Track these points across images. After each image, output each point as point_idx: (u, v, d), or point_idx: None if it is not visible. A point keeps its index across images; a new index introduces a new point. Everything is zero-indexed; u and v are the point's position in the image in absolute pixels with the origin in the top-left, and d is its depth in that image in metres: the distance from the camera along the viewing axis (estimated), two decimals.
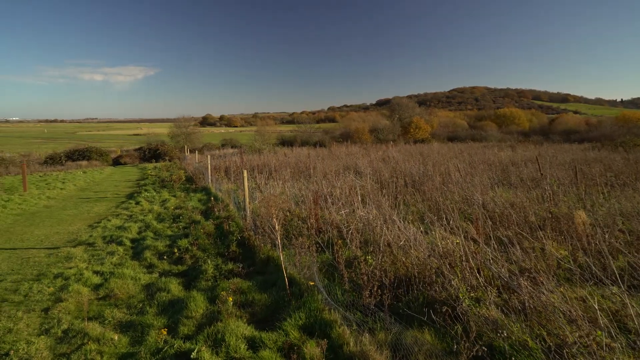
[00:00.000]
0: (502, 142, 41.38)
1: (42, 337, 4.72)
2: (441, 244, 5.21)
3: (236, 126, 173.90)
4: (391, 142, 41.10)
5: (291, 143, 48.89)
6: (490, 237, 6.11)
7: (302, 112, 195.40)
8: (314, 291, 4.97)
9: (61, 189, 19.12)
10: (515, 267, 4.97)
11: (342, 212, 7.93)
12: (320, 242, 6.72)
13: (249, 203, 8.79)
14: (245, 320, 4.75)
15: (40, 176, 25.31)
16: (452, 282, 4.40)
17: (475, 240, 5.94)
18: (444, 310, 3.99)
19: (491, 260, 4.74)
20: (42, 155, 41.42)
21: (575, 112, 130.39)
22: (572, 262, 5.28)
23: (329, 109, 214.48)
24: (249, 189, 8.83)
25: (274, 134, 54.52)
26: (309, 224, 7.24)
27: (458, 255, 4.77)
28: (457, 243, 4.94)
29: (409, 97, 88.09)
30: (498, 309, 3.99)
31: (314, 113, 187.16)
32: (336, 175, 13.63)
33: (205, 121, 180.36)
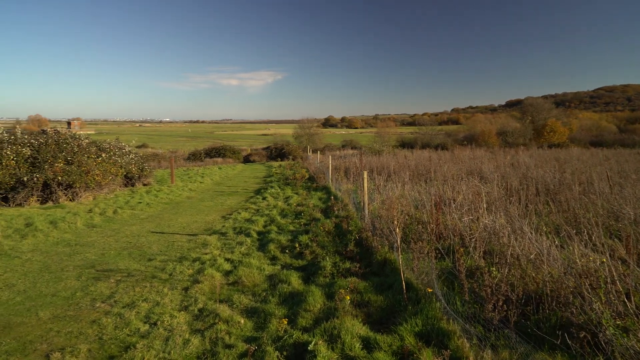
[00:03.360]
0: None
1: (182, 312, 5.34)
2: (580, 261, 4.65)
3: (356, 127, 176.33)
4: (521, 146, 37.91)
5: (411, 145, 48.04)
6: None
7: (423, 114, 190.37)
8: (432, 298, 4.81)
9: (200, 182, 21.35)
10: None
11: (465, 218, 7.54)
12: (440, 248, 6.48)
13: (368, 204, 8.85)
14: (360, 319, 4.79)
15: (183, 170, 28.62)
16: (593, 306, 3.90)
17: (624, 261, 5.19)
18: (582, 335, 3.56)
19: None
20: (186, 152, 46.89)
21: None
22: None
23: (452, 110, 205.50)
24: (367, 190, 8.88)
25: (393, 135, 54.05)
26: (429, 228, 7.04)
27: (602, 276, 4.21)
28: (601, 262, 4.36)
29: (545, 97, 79.86)
30: None
31: (436, 115, 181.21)
32: (459, 180, 13.02)
33: (327, 122, 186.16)
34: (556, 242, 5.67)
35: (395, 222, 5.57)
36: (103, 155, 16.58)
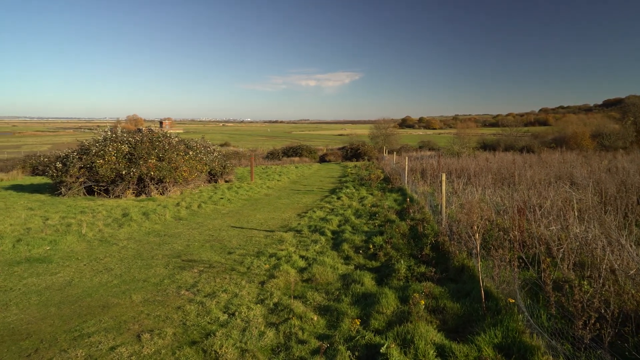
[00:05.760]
0: None
1: (258, 305, 5.54)
2: None
3: (434, 128, 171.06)
4: (620, 150, 34.45)
5: (493, 147, 45.69)
6: None
7: (507, 114, 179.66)
8: (514, 309, 4.54)
9: (278, 180, 22.02)
10: None
11: (553, 227, 7.03)
12: (523, 257, 6.10)
13: (446, 207, 8.56)
14: (435, 326, 4.66)
15: (262, 168, 29.71)
16: None
17: None
18: None
19: None
20: (265, 150, 48.74)
21: None
22: None
23: (540, 110, 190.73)
24: (445, 193, 8.60)
25: (474, 137, 51.63)
26: (511, 236, 6.65)
27: None
28: None
29: None
30: None
31: (521, 115, 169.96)
32: (546, 185, 12.15)
33: (404, 123, 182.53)
34: None
35: (475, 228, 5.33)
36: (190, 152, 17.73)
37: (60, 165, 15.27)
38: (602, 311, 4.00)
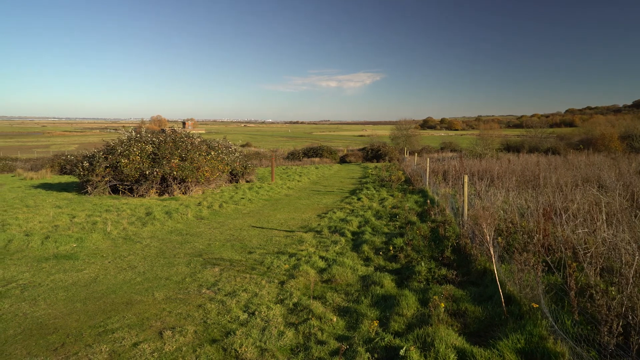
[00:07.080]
0: None
1: (278, 305, 5.57)
2: None
3: (456, 129, 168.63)
4: None
5: (517, 149, 44.79)
6: None
7: (532, 115, 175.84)
8: (537, 314, 4.44)
9: (298, 181, 22.09)
10: None
11: (579, 231, 6.85)
12: (548, 261, 5.96)
13: (468, 209, 8.44)
14: (456, 329, 4.60)
15: (283, 169, 29.85)
16: None
17: None
18: None
19: None
20: (285, 151, 49.05)
21: None
22: None
23: (566, 111, 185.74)
24: (467, 195, 8.48)
25: (497, 138, 50.72)
26: (535, 239, 6.51)
27: None
28: None
29: None
30: None
31: (547, 116, 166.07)
32: (572, 188, 11.85)
33: (426, 124, 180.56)
34: None
35: (485, 230, 5.24)
36: (212, 153, 17.94)
37: (86, 164, 15.67)
38: (630, 317, 3.88)
